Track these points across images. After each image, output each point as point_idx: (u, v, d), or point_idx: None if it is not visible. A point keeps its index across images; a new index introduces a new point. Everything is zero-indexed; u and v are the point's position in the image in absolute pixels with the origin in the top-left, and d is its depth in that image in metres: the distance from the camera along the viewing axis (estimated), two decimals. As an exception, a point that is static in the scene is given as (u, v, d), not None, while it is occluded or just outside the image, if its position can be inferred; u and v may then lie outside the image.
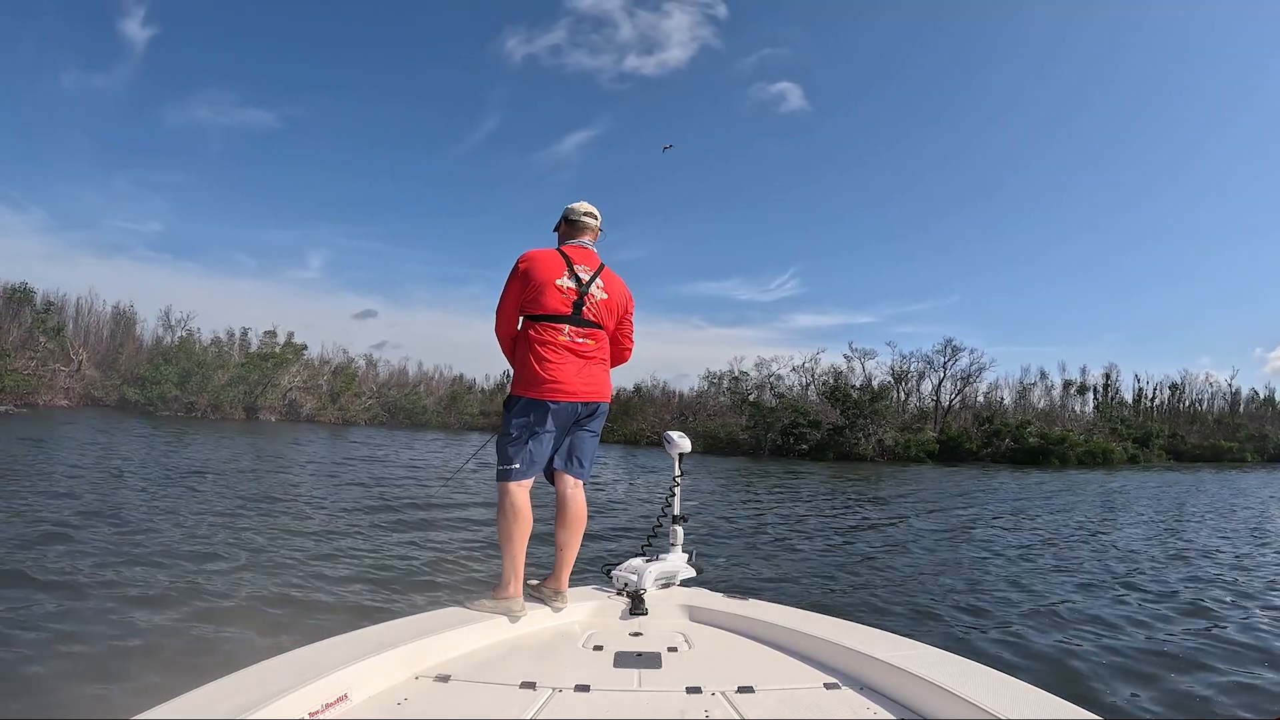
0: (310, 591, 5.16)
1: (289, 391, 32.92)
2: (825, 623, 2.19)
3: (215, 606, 4.66)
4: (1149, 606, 5.94)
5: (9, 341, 30.19)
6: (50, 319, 32.84)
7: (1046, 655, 4.55)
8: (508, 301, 2.52)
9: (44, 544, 5.99)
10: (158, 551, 6.01)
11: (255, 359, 33.28)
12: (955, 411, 40.40)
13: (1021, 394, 45.91)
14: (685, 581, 2.78)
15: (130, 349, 36.43)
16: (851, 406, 32.48)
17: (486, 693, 1.73)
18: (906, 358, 42.22)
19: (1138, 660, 4.52)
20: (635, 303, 2.76)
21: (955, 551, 8.38)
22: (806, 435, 31.65)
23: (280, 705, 1.42)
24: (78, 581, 5.00)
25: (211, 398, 31.05)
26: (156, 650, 3.81)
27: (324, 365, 35.67)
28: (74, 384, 31.90)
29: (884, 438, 32.24)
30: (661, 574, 2.66)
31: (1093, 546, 9.14)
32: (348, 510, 8.98)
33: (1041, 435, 34.84)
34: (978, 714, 1.46)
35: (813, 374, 38.52)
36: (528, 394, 2.44)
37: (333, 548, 6.68)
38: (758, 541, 8.53)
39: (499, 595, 2.37)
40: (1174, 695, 3.96)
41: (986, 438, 34.85)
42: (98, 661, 3.64)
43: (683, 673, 1.86)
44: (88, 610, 4.41)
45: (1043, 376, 47.21)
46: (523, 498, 2.41)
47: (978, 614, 5.55)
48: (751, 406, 33.63)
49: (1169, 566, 7.84)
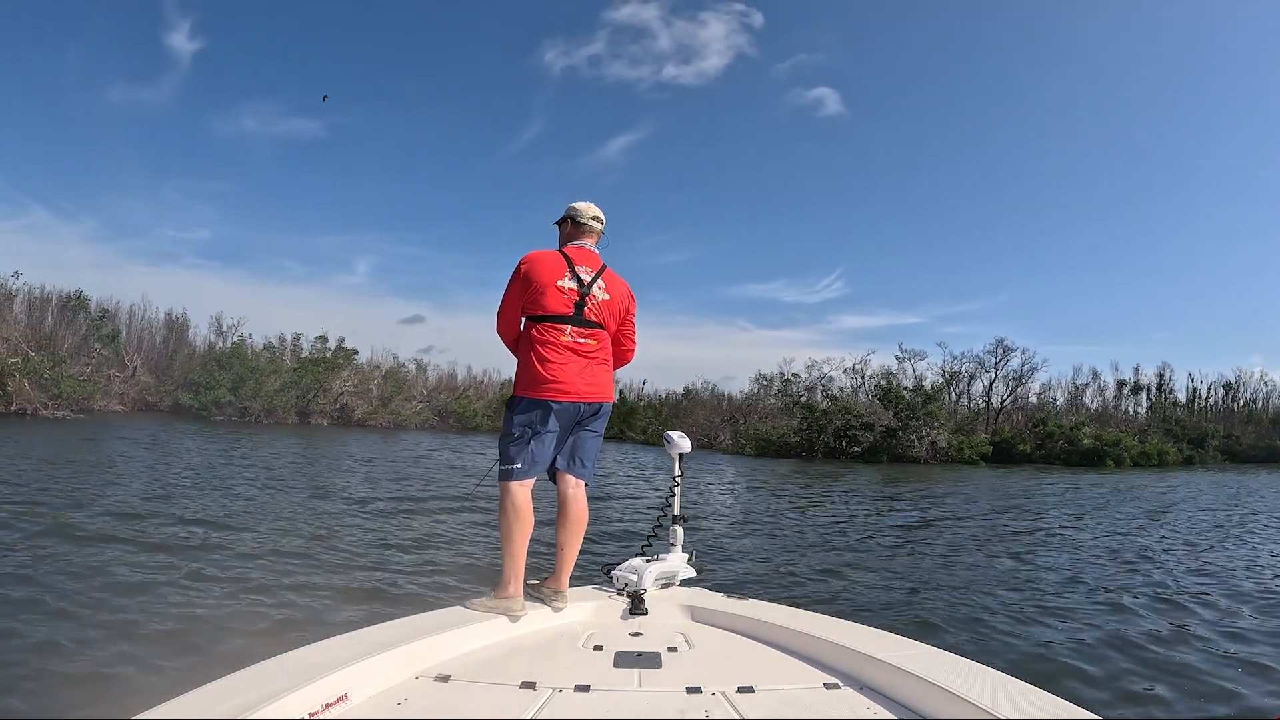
0: (310, 591, 5.17)
1: (340, 396, 33.02)
2: (825, 623, 2.20)
3: (215, 606, 4.67)
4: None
5: (64, 349, 30.57)
6: (105, 326, 33.12)
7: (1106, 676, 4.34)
8: (509, 303, 2.56)
9: (48, 543, 6.06)
10: (158, 552, 6.04)
11: (307, 364, 33.40)
12: (1007, 413, 39.82)
13: (1074, 395, 45.15)
14: (685, 581, 2.79)
15: (183, 355, 36.70)
16: (904, 408, 32.09)
17: (486, 693, 1.73)
18: (957, 358, 41.86)
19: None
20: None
21: (1031, 565, 7.83)
22: (859, 437, 31.30)
23: (280, 705, 1.43)
24: (78, 581, 5.00)
25: (265, 403, 31.20)
26: (156, 650, 3.82)
27: (374, 370, 35.80)
28: (129, 389, 32.16)
29: (937, 439, 31.80)
30: (661, 574, 2.68)
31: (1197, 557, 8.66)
32: (350, 511, 9.02)
33: (1096, 437, 34.26)
34: (978, 714, 1.46)
35: (863, 376, 38.23)
36: (530, 394, 2.46)
37: (334, 548, 6.71)
38: (837, 557, 7.89)
39: (499, 595, 2.38)
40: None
41: (1040, 440, 34.32)
42: (98, 661, 3.63)
43: (683, 673, 1.86)
44: (88, 610, 4.43)
45: (1095, 377, 46.40)
46: (524, 497, 2.42)
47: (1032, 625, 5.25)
48: (804, 409, 33.29)
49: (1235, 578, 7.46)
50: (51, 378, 27.21)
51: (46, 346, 29.97)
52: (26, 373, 26.85)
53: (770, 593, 5.70)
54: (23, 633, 3.98)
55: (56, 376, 27.62)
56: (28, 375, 26.81)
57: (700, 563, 2.90)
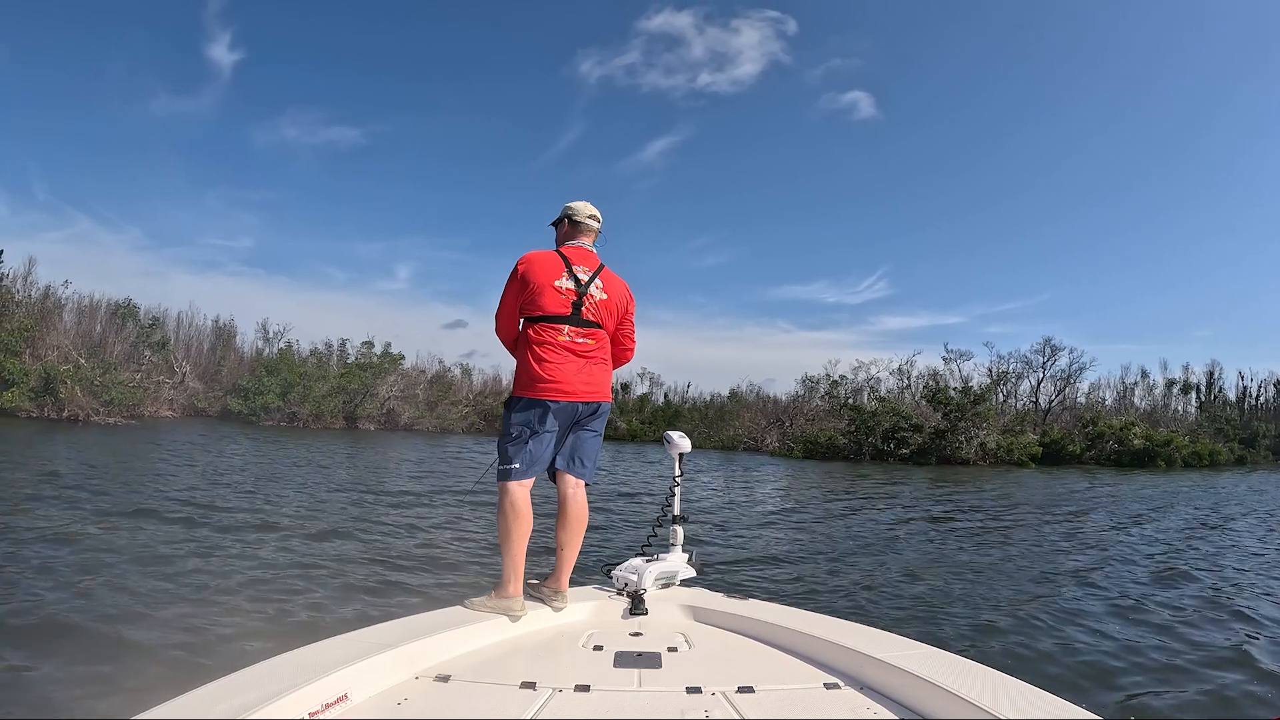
0: (310, 591, 5.16)
1: (387, 401, 33.08)
2: (825, 623, 2.19)
3: (215, 606, 4.67)
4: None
5: (114, 356, 30.77)
6: (154, 333, 33.33)
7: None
8: (506, 304, 2.54)
9: (52, 542, 6.09)
10: (162, 550, 6.09)
11: (354, 369, 33.53)
12: (1055, 413, 39.28)
13: (1123, 394, 44.49)
14: (685, 581, 2.78)
15: (231, 361, 36.91)
16: (953, 409, 31.67)
17: (486, 693, 1.73)
18: (1004, 358, 41.36)
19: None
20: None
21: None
22: (908, 439, 30.94)
23: (280, 705, 1.42)
24: (77, 580, 5.02)
25: (313, 407, 31.29)
26: (156, 650, 3.82)
27: (420, 374, 35.83)
28: (178, 395, 32.41)
29: (986, 441, 31.37)
30: (661, 574, 2.66)
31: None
32: (354, 510, 9.07)
33: (1146, 437, 33.71)
34: (978, 714, 1.45)
35: (908, 377, 37.83)
36: (528, 394, 2.45)
37: (334, 548, 6.72)
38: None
39: (499, 595, 2.37)
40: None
41: (1090, 440, 33.82)
42: (98, 661, 3.63)
43: (683, 673, 1.85)
44: (88, 609, 4.43)
45: (1144, 376, 45.66)
46: (523, 497, 2.42)
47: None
48: (852, 410, 32.97)
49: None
50: (102, 384, 27.36)
51: (97, 354, 30.19)
52: (78, 380, 27.03)
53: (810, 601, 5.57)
54: (22, 631, 4.01)
55: (107, 383, 27.77)
56: (79, 382, 27.00)
57: (700, 562, 2.89)
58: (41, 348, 29.49)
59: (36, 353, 29.16)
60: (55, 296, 33.28)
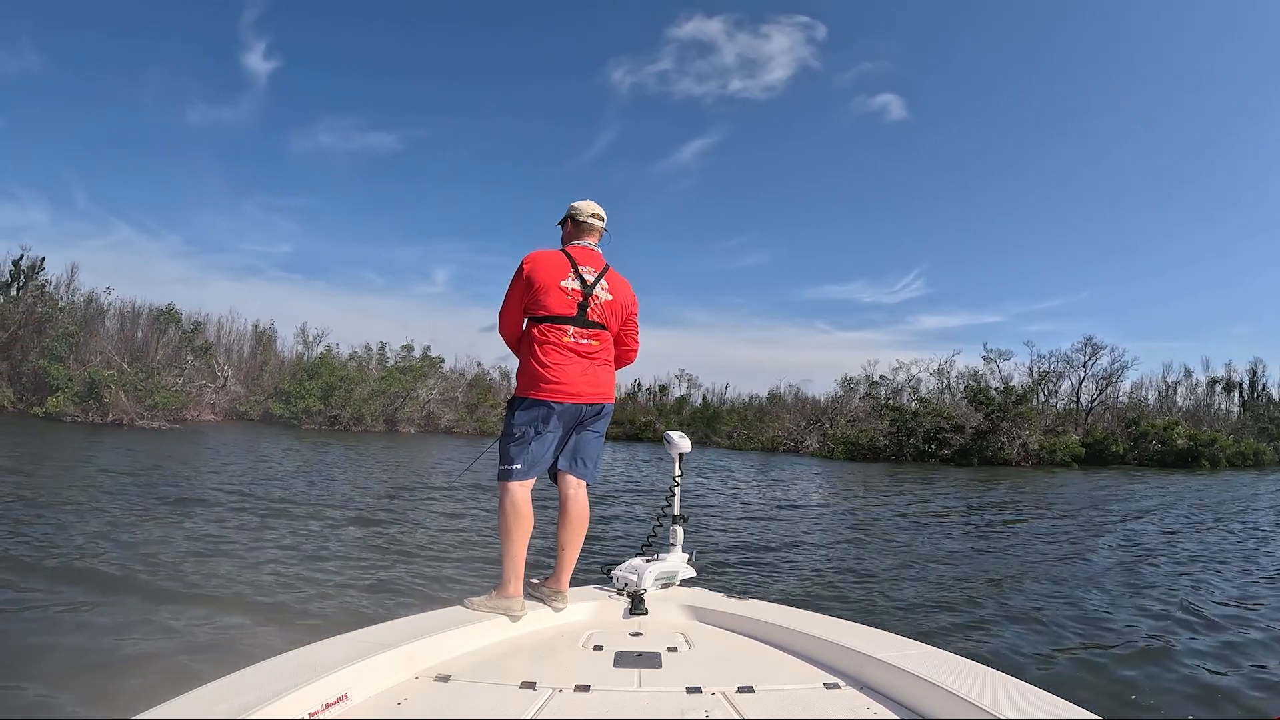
0: (311, 591, 5.18)
1: (427, 404, 33.11)
2: (825, 623, 2.19)
3: (215, 606, 4.69)
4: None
5: (156, 360, 30.94)
6: (197, 338, 33.51)
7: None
8: (511, 303, 2.53)
9: (51, 543, 6.12)
10: (161, 551, 6.12)
11: (394, 372, 33.59)
12: (1096, 413, 38.84)
13: (1165, 393, 43.92)
14: (685, 581, 2.78)
15: (272, 365, 37.08)
16: (995, 410, 31.36)
17: (486, 693, 1.73)
18: (1044, 357, 40.88)
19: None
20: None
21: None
22: (950, 440, 30.67)
23: (280, 705, 1.42)
24: (78, 580, 5.06)
25: (354, 411, 31.36)
26: (157, 650, 3.82)
27: (459, 378, 35.87)
28: (220, 399, 32.54)
29: (1028, 441, 31.06)
30: (661, 574, 2.67)
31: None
32: (356, 510, 9.17)
33: (1190, 437, 33.27)
34: (978, 714, 1.45)
35: (947, 377, 37.51)
36: (531, 394, 2.44)
37: (334, 548, 6.76)
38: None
39: (499, 595, 2.37)
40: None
41: (1133, 440, 33.41)
42: (98, 661, 3.64)
43: (683, 673, 1.86)
44: (87, 608, 4.45)
45: (1187, 375, 44.99)
46: (524, 498, 2.42)
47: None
48: (893, 411, 32.70)
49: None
50: (145, 389, 27.50)
51: (140, 359, 30.37)
52: (122, 384, 27.18)
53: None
54: (22, 630, 4.04)
55: (151, 387, 27.92)
56: (123, 387, 27.15)
57: (700, 562, 2.88)
58: (85, 353, 29.73)
59: (80, 358, 29.39)
60: (98, 303, 33.55)
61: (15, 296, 32.20)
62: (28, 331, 30.51)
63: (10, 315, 30.46)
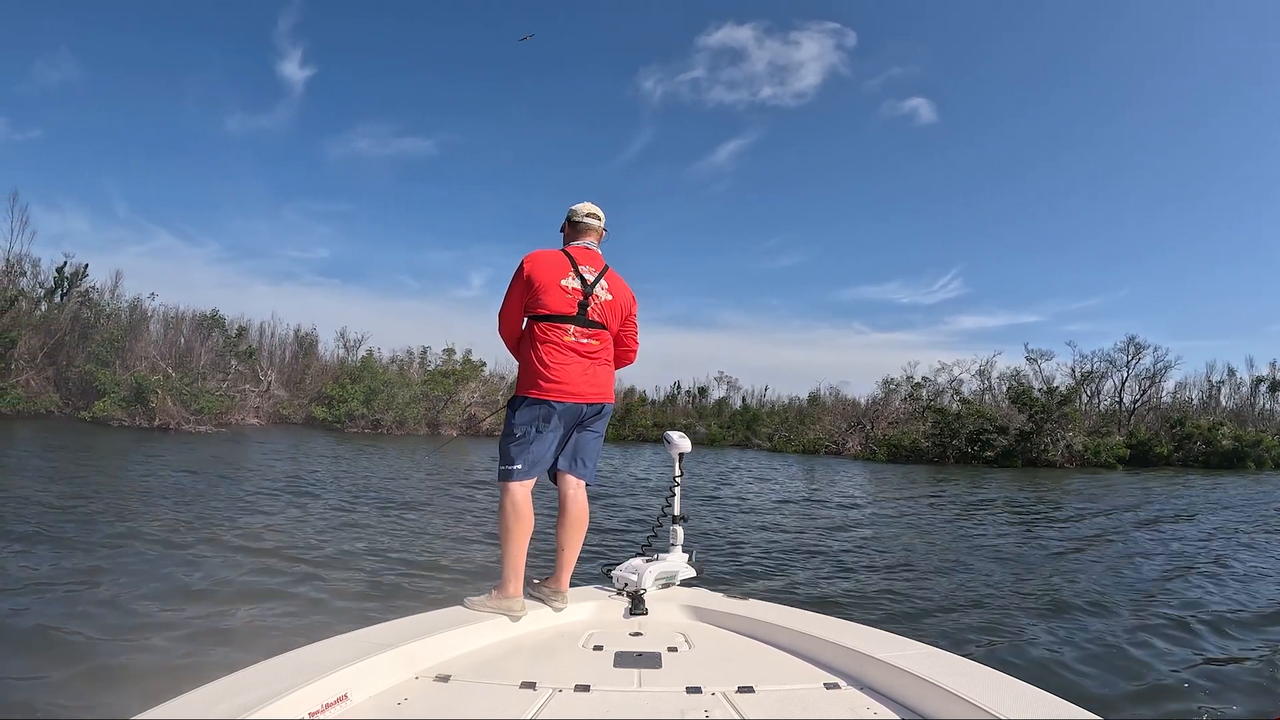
0: (310, 591, 5.19)
1: (469, 407, 33.14)
2: (825, 623, 2.19)
3: (215, 606, 4.69)
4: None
5: (200, 365, 31.18)
6: (241, 343, 33.78)
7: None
8: (511, 303, 2.53)
9: (49, 545, 6.14)
10: (166, 550, 6.15)
11: (436, 376, 33.66)
12: (1140, 414, 38.38)
13: (1209, 393, 43.32)
14: (685, 581, 2.78)
15: (315, 369, 37.22)
16: (1038, 411, 31.04)
17: (486, 693, 1.73)
18: (1087, 357, 40.38)
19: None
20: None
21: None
22: (993, 441, 30.37)
23: (280, 705, 1.42)
24: (77, 580, 5.07)
25: (396, 414, 31.42)
26: (157, 650, 3.81)
27: (500, 380, 35.85)
28: (263, 403, 32.72)
29: (1072, 443, 30.73)
30: (661, 574, 2.66)
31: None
32: (357, 511, 9.22)
33: (1235, 437, 32.86)
34: (978, 714, 1.45)
35: (988, 378, 37.16)
36: (532, 394, 2.43)
37: (334, 548, 6.75)
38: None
39: (499, 595, 2.37)
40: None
41: (1178, 441, 33.01)
42: (98, 660, 3.62)
43: (683, 673, 1.86)
44: (88, 608, 4.44)
45: (1231, 374, 44.30)
46: (524, 498, 2.41)
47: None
48: (936, 413, 32.43)
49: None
50: (190, 393, 27.70)
51: (184, 364, 30.60)
52: (168, 389, 27.38)
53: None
54: (21, 630, 4.04)
55: (196, 391, 28.12)
56: (170, 391, 27.35)
57: (700, 562, 2.88)
58: (130, 358, 29.97)
59: (126, 363, 29.65)
60: (142, 309, 33.83)
61: (60, 303, 32.58)
62: (73, 337, 30.92)
63: (56, 321, 30.84)
